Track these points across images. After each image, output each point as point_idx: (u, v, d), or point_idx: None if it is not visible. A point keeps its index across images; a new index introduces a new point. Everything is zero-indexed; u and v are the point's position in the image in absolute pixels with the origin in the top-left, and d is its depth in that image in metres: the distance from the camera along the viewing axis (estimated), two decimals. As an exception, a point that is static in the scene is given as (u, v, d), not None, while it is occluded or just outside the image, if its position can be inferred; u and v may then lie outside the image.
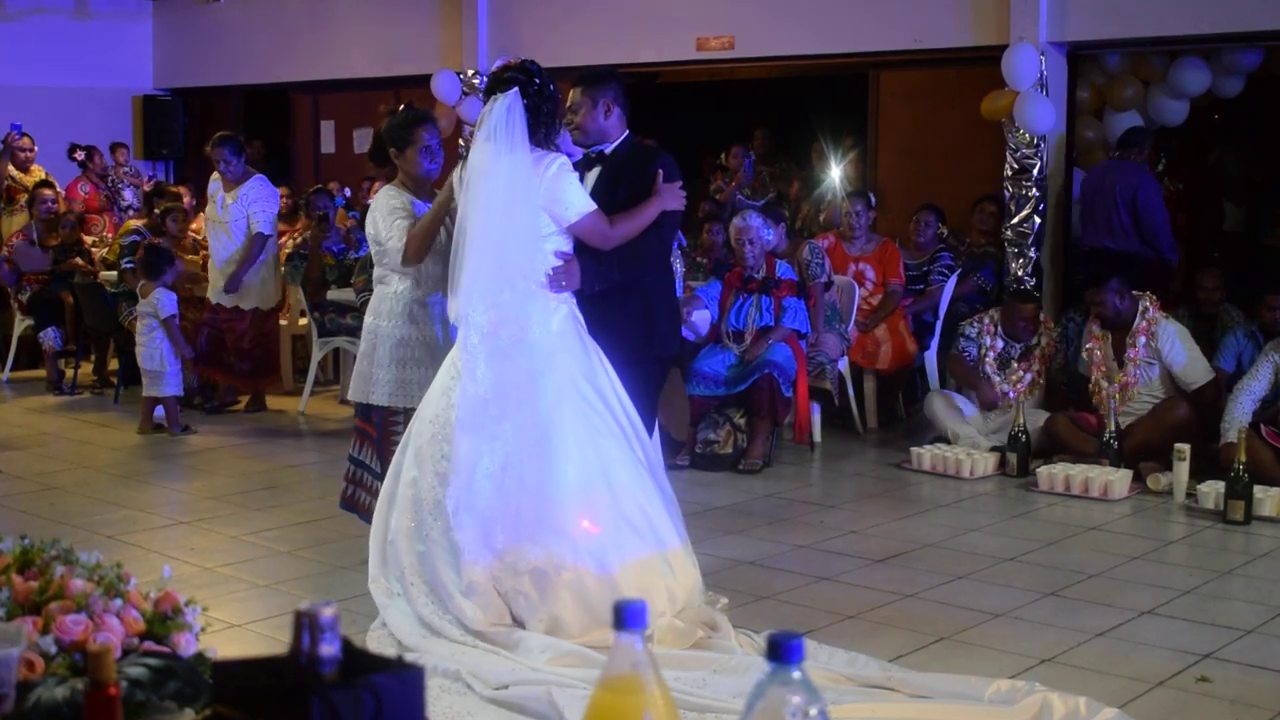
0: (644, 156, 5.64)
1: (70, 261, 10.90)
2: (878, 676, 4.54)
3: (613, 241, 5.26)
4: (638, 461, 5.07)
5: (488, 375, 4.98)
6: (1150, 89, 10.45)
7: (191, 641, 2.67)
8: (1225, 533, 6.78)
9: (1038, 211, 9.63)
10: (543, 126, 5.11)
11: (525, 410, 4.94)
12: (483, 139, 5.07)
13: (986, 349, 8.43)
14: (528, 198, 5.02)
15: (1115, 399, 7.88)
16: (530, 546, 4.82)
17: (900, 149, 12.11)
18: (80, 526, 6.58)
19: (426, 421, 5.05)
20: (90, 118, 14.48)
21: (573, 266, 5.13)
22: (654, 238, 5.48)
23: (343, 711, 1.56)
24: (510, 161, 5.00)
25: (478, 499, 4.87)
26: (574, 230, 5.14)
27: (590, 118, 5.56)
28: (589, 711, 1.73)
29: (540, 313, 5.04)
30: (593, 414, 5.00)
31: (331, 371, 11.05)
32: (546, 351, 5.01)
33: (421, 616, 4.85)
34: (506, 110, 5.02)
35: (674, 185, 5.48)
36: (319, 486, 7.58)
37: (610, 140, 5.61)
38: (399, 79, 13.45)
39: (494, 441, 4.92)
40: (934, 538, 6.64)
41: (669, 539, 5.06)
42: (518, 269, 5.02)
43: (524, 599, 4.82)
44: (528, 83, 5.08)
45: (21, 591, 2.68)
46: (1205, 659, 4.91)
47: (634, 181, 5.47)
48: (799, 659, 1.65)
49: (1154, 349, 7.83)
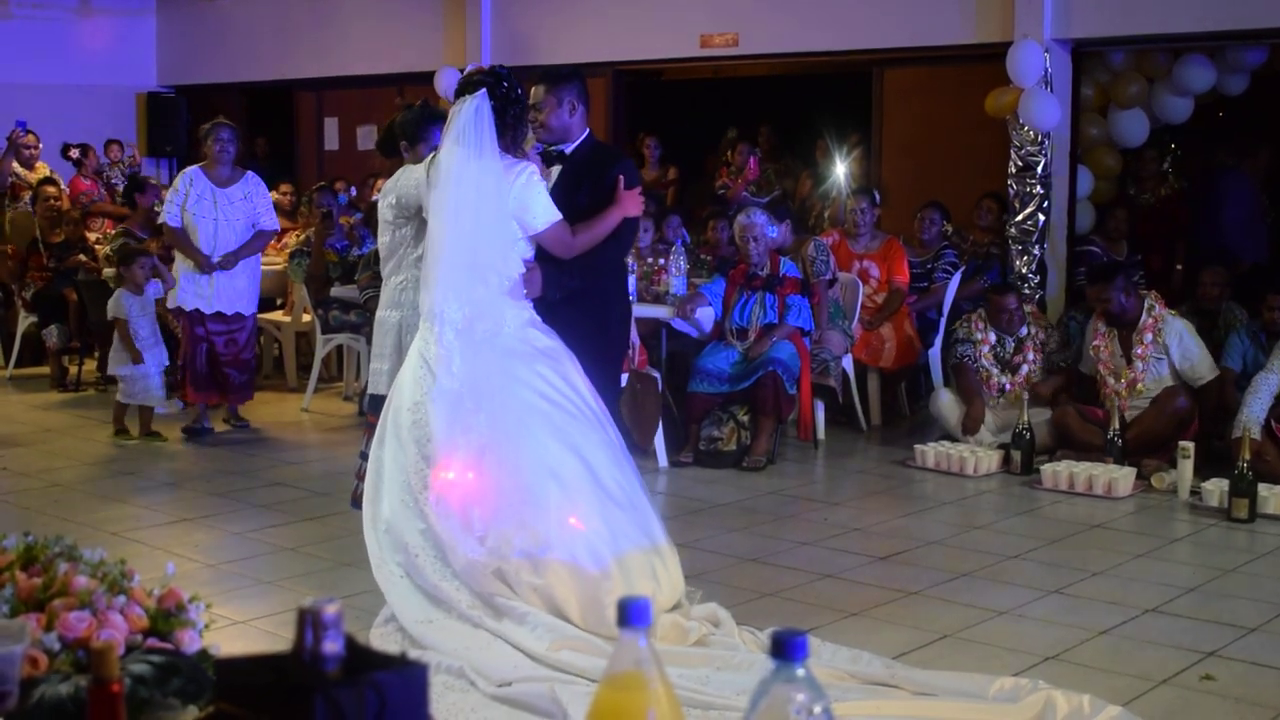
0: (605, 158, 5.68)
1: (74, 258, 10.90)
2: (881, 674, 4.54)
3: (575, 250, 5.33)
4: (613, 443, 5.14)
5: (463, 370, 5.02)
6: (1155, 86, 10.44)
7: (195, 638, 2.68)
8: (1229, 531, 6.78)
9: (1042, 209, 9.63)
10: (509, 130, 5.17)
11: (498, 401, 4.98)
12: (450, 141, 5.15)
13: (980, 343, 8.43)
14: (498, 201, 5.09)
15: (1122, 396, 7.88)
16: (515, 531, 4.84)
17: (904, 146, 12.08)
18: (84, 523, 6.58)
19: (404, 410, 5.08)
20: (94, 115, 14.49)
21: (534, 275, 5.21)
22: (613, 245, 5.54)
23: (346, 709, 1.56)
24: (479, 166, 5.07)
25: (457, 491, 4.90)
26: (539, 239, 5.22)
27: (555, 115, 5.60)
28: (592, 708, 1.73)
29: (514, 310, 5.13)
30: (565, 402, 5.06)
31: (335, 368, 11.05)
32: (519, 349, 5.09)
33: (431, 586, 4.84)
34: (475, 112, 5.09)
35: (634, 192, 5.53)
36: (323, 483, 7.58)
37: (572, 139, 5.64)
38: (403, 76, 13.45)
39: (469, 434, 4.95)
40: (938, 535, 6.64)
41: (656, 537, 5.08)
42: (491, 266, 5.10)
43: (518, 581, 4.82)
44: (495, 85, 5.15)
45: (25, 589, 2.68)
46: (1209, 657, 4.90)
47: (595, 185, 5.51)
48: (803, 656, 1.64)
49: (1161, 345, 7.83)
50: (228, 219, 8.84)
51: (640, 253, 9.13)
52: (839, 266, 9.16)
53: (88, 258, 10.97)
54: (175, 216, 8.81)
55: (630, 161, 5.79)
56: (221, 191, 8.84)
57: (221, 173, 8.87)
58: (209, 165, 8.86)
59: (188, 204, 8.77)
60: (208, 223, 8.80)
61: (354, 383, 10.29)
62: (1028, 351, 8.42)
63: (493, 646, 4.66)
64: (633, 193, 5.52)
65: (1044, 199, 9.61)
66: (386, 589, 4.95)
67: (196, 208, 8.79)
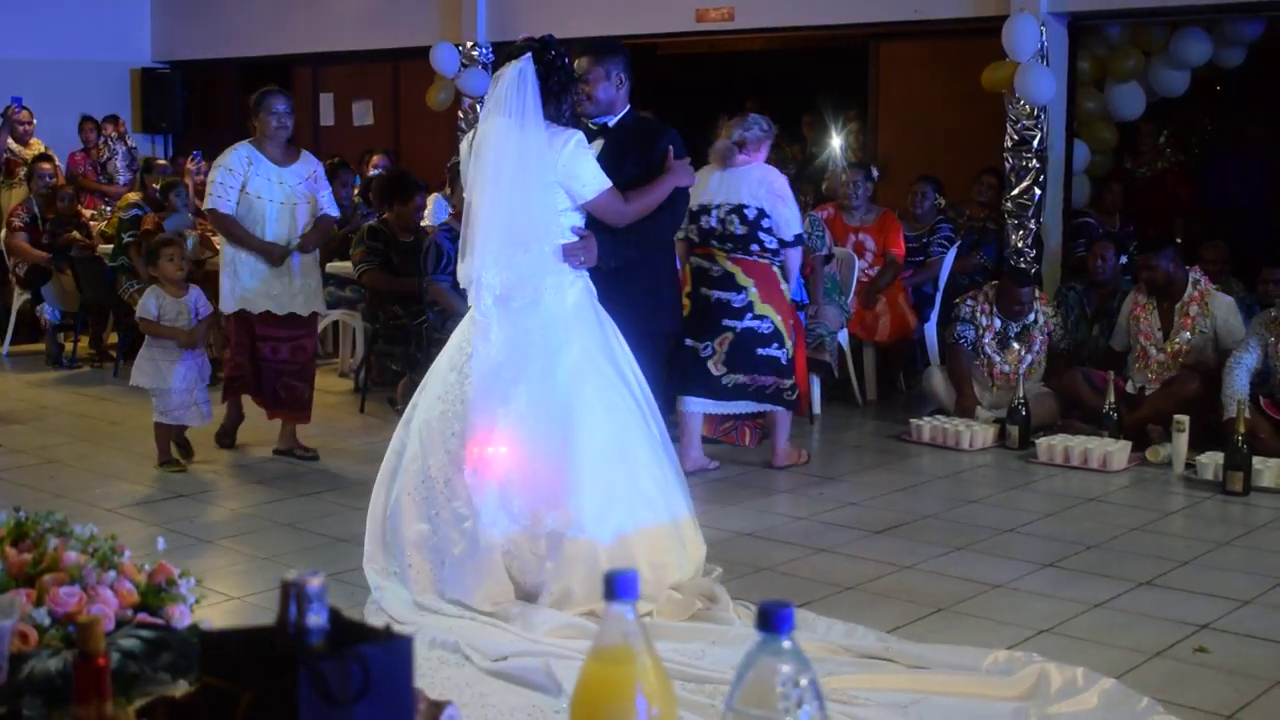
0: (649, 131, 5.63)
1: (68, 235, 10.88)
2: (875, 648, 4.55)
3: (628, 218, 5.24)
4: (653, 438, 5.07)
5: (500, 337, 4.95)
6: (1151, 60, 10.42)
7: (185, 613, 2.67)
8: (1224, 504, 6.78)
9: (1038, 183, 9.61)
10: (554, 98, 5.00)
11: (543, 383, 4.91)
12: (493, 108, 5.00)
13: (984, 329, 8.40)
14: (540, 169, 4.95)
15: (1167, 367, 7.90)
16: (547, 510, 4.82)
17: (900, 121, 12.07)
18: (80, 500, 6.58)
19: (435, 398, 5.01)
20: (89, 91, 14.44)
21: (590, 243, 5.10)
22: (667, 215, 5.49)
23: (330, 682, 1.56)
24: (520, 136, 4.92)
25: (494, 464, 4.86)
26: (590, 207, 5.10)
27: (603, 89, 5.57)
28: (580, 682, 1.73)
29: (555, 279, 5.00)
30: (610, 389, 4.99)
31: (331, 345, 11.04)
32: (563, 324, 4.99)
33: (417, 602, 4.84)
34: (518, 74, 4.94)
35: (684, 161, 5.49)
36: (320, 460, 7.57)
37: (616, 113, 5.60)
38: (398, 51, 13.41)
39: (507, 404, 4.89)
40: (933, 509, 6.65)
41: (680, 512, 5.08)
42: (531, 232, 4.97)
43: (538, 566, 4.82)
44: (541, 51, 4.99)
45: (15, 564, 2.67)
46: (1203, 629, 4.91)
47: (641, 156, 5.47)
48: (789, 628, 1.64)
49: (1209, 319, 7.85)
50: (295, 203, 7.47)
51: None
52: (834, 239, 9.14)
53: (82, 235, 10.94)
54: (230, 202, 7.35)
55: (676, 133, 5.66)
56: (284, 171, 7.45)
57: (280, 150, 7.48)
58: (262, 141, 7.44)
59: (248, 186, 7.36)
60: (275, 208, 7.42)
61: (349, 359, 10.28)
62: (1034, 340, 8.37)
63: (486, 627, 4.67)
64: (684, 162, 5.48)
65: (1040, 173, 9.58)
66: (374, 583, 4.96)
67: (264, 190, 7.40)
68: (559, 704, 4.05)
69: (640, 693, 1.67)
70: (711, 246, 7.13)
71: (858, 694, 4.11)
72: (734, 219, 7.05)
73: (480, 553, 4.82)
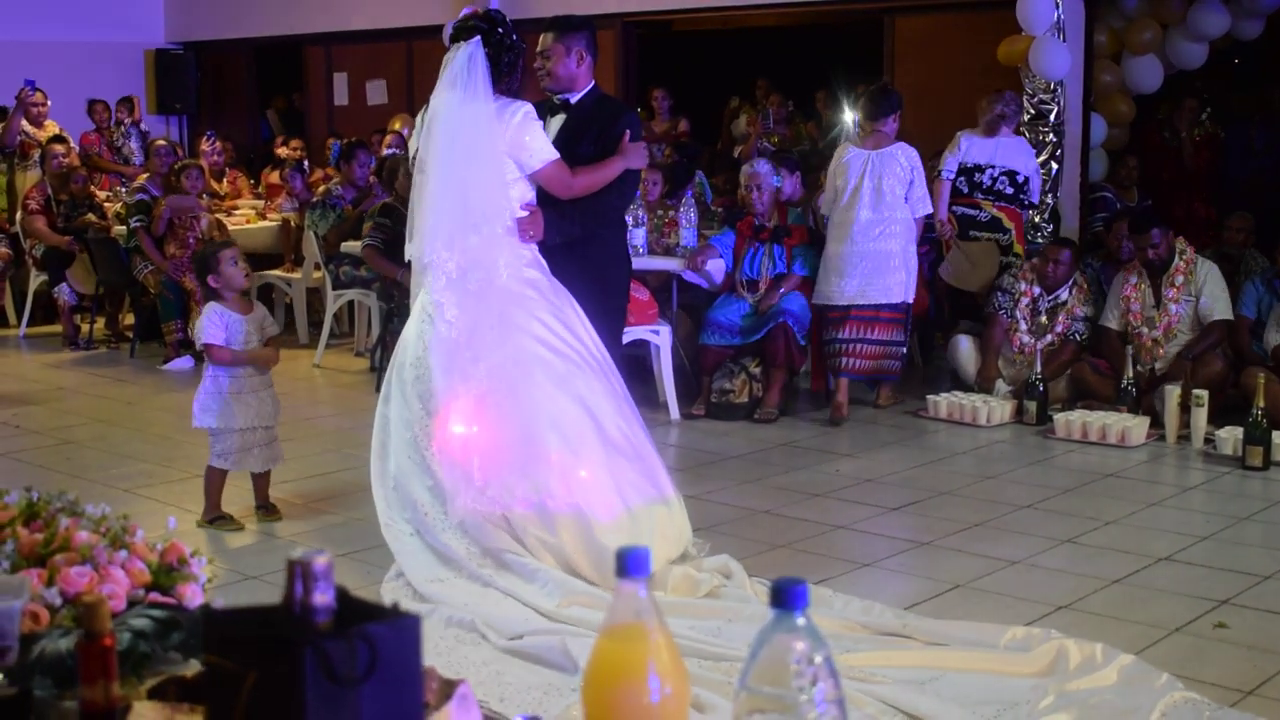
0: (610, 111, 5.64)
1: (83, 218, 10.87)
2: (893, 624, 4.53)
3: (574, 191, 5.29)
4: (617, 393, 5.11)
5: (459, 318, 4.99)
6: (1169, 32, 10.33)
7: (197, 592, 2.65)
8: (1243, 478, 6.74)
9: (1055, 157, 9.54)
10: (505, 76, 5.12)
11: (500, 352, 4.95)
12: (444, 86, 5.10)
13: (1021, 294, 8.32)
14: (490, 144, 5.04)
15: (1159, 344, 7.81)
16: (517, 480, 4.83)
17: (916, 95, 11.95)
18: (96, 480, 6.59)
19: (408, 366, 5.07)
20: (102, 72, 14.44)
21: (537, 217, 5.17)
22: (615, 194, 5.52)
23: (336, 661, 1.54)
24: (472, 110, 5.02)
25: (457, 438, 4.88)
26: (536, 178, 5.18)
27: (562, 64, 5.55)
28: (592, 659, 1.72)
29: (509, 256, 5.07)
30: (569, 350, 5.03)
31: (346, 324, 11.04)
32: (518, 295, 5.04)
33: (441, 544, 4.84)
34: (468, 58, 5.05)
35: (639, 145, 5.50)
36: (334, 439, 7.58)
37: (577, 89, 5.59)
38: (411, 30, 13.37)
39: (468, 383, 4.93)
40: (950, 485, 6.61)
41: (661, 475, 5.06)
42: (483, 213, 5.05)
43: (525, 533, 4.82)
44: (490, 32, 5.09)
45: (27, 544, 2.66)
46: (1222, 605, 4.88)
47: (599, 136, 5.48)
48: (803, 605, 1.62)
49: (1195, 287, 7.77)
50: None
51: (650, 205, 9.07)
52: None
53: (97, 216, 10.93)
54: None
55: (635, 116, 5.77)
56: None
57: None
58: None
59: None
60: None
61: (365, 338, 10.27)
62: (1059, 321, 8.28)
63: (504, 603, 4.66)
64: (638, 145, 5.50)
65: (1056, 147, 9.51)
66: (395, 547, 4.94)
67: None
68: (575, 682, 4.03)
69: (653, 670, 1.65)
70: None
71: (875, 671, 4.09)
72: (1005, 180, 8.81)
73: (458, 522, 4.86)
